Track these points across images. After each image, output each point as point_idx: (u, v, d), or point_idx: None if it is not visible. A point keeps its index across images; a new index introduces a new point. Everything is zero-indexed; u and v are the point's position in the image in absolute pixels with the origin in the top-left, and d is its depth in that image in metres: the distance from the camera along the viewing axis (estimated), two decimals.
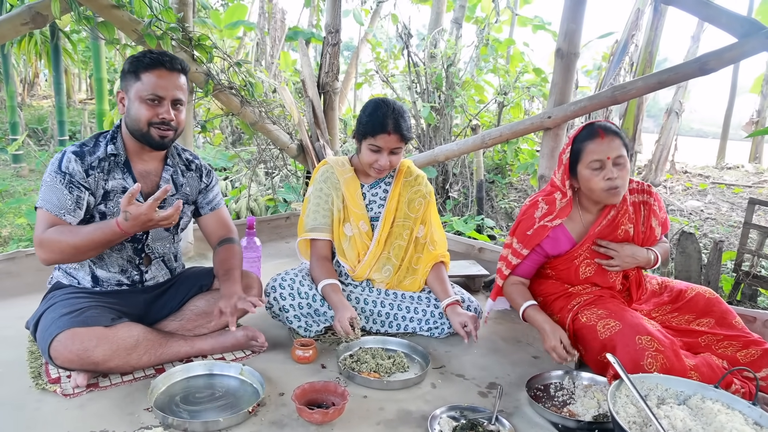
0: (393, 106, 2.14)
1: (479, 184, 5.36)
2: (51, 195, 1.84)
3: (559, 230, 2.11)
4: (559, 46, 2.94)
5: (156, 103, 1.87)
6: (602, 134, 1.96)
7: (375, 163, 2.18)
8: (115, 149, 1.95)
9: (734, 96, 10.56)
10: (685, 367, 1.78)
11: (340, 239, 2.31)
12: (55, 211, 1.83)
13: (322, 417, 1.65)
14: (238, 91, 3.21)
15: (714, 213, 6.25)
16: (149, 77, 1.86)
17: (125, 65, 1.91)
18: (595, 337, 1.90)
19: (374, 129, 2.12)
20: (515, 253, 2.16)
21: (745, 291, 3.75)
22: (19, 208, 5.72)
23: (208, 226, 2.23)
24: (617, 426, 1.44)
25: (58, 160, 1.87)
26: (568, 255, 2.12)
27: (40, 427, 1.61)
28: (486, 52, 5.92)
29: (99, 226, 1.80)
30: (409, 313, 2.34)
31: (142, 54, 1.90)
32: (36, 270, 2.68)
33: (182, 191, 2.12)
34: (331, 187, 2.30)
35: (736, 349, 1.91)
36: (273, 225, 3.83)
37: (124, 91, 1.92)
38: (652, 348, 1.78)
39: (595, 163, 1.97)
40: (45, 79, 14.57)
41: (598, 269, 2.11)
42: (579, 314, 2.01)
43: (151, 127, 1.89)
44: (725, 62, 2.44)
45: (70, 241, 1.78)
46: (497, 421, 1.72)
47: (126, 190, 1.94)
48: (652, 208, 2.12)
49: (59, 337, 1.73)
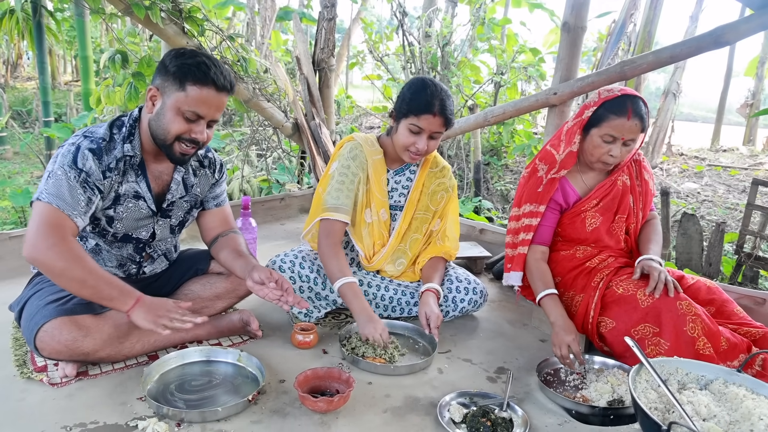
0: (440, 87, 2.00)
1: (477, 165, 5.28)
2: (62, 190, 1.60)
3: (564, 182, 2.14)
4: (565, 20, 2.84)
5: (193, 121, 1.69)
6: (630, 114, 1.93)
7: (412, 146, 2.00)
8: (132, 149, 1.74)
9: (729, 79, 10.51)
10: (719, 331, 1.79)
11: (360, 225, 2.16)
12: (67, 209, 1.60)
13: (327, 405, 1.57)
14: (231, 66, 3.07)
15: (711, 195, 6.22)
16: (196, 92, 1.65)
17: (169, 63, 1.67)
18: (636, 307, 1.87)
19: (419, 108, 1.95)
20: (532, 214, 2.12)
21: (747, 273, 3.72)
22: (3, 190, 5.58)
23: (208, 222, 2.04)
24: (640, 412, 1.36)
25: (72, 155, 1.64)
26: (575, 209, 2.14)
27: (26, 419, 1.51)
28: (482, 31, 5.78)
29: (115, 284, 1.60)
30: (413, 298, 2.25)
31: (193, 60, 1.66)
32: (20, 253, 2.54)
33: (192, 192, 1.95)
34: (359, 166, 2.12)
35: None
36: (267, 206, 3.72)
37: (160, 92, 1.69)
38: (691, 313, 1.78)
39: (609, 137, 1.98)
40: (29, 60, 14.20)
41: (603, 222, 2.12)
42: (613, 286, 1.97)
43: (177, 141, 1.71)
44: (741, 34, 2.35)
45: (79, 269, 1.55)
46: (509, 407, 1.65)
47: (138, 194, 1.79)
48: (641, 164, 2.19)
49: (45, 327, 1.62)
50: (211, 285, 2.04)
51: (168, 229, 1.96)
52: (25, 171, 6.95)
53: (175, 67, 1.65)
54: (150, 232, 1.90)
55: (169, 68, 1.67)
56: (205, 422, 1.52)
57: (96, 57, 7.17)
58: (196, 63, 1.66)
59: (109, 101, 3.25)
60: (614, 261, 2.10)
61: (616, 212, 2.13)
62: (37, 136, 7.86)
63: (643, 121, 1.95)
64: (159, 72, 1.71)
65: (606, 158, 2.00)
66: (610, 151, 1.98)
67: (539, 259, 2.12)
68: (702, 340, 1.74)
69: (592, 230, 2.12)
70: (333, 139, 3.89)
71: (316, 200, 2.16)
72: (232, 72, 3.13)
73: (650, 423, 1.27)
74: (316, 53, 3.72)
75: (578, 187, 2.15)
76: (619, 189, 2.13)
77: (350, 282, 1.97)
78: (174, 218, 1.94)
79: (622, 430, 1.60)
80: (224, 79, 1.70)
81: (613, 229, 2.14)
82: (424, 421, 1.60)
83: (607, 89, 2.03)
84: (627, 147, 1.99)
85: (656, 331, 1.81)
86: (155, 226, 1.90)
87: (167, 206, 1.89)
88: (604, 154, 2.00)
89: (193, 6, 2.85)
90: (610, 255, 2.12)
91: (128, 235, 1.85)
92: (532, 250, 2.13)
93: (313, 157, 3.72)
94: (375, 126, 8.61)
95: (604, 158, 2.00)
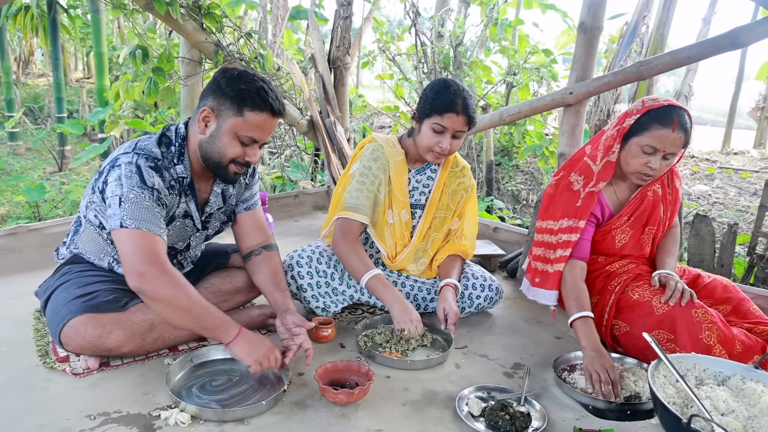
0: (462, 86, 2.02)
1: (489, 164, 5.28)
2: (143, 212, 1.59)
3: (600, 196, 2.04)
4: (582, 20, 2.84)
5: (247, 145, 1.70)
6: (675, 126, 1.83)
7: (436, 146, 2.00)
8: (184, 171, 1.74)
9: (741, 82, 10.45)
10: (734, 336, 1.77)
11: (382, 226, 2.17)
12: (155, 230, 1.60)
13: (347, 397, 1.59)
14: (248, 63, 3.09)
15: (722, 197, 6.20)
16: (254, 118, 1.65)
17: (225, 85, 1.65)
18: (651, 313, 1.84)
19: (442, 107, 1.96)
20: (570, 229, 2.01)
21: (758, 274, 3.71)
22: (17, 185, 5.64)
23: (242, 227, 1.99)
24: (660, 406, 1.37)
25: (138, 176, 1.62)
26: (606, 226, 2.07)
27: (50, 408, 1.53)
28: (495, 31, 5.79)
29: (216, 315, 1.60)
30: (429, 294, 2.27)
31: (252, 86, 1.64)
32: (38, 246, 2.61)
33: (228, 203, 1.94)
34: (381, 168, 2.12)
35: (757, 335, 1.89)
36: (282, 203, 3.75)
37: (215, 114, 1.66)
38: (707, 321, 1.76)
39: (650, 148, 1.88)
40: (42, 55, 14.28)
41: (632, 236, 2.07)
42: (629, 292, 1.94)
43: (231, 164, 1.71)
44: (758, 36, 2.34)
45: (186, 298, 1.55)
46: (526, 401, 1.66)
47: (187, 213, 1.80)
48: (673, 171, 2.11)
49: (71, 322, 1.65)
50: (231, 279, 2.06)
51: (203, 239, 1.97)
52: (38, 166, 7.01)
53: (234, 91, 1.63)
54: (186, 243, 1.92)
55: (225, 91, 1.64)
56: (246, 418, 1.53)
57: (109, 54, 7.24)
58: (256, 89, 1.64)
59: (128, 96, 3.29)
60: (635, 267, 2.06)
61: (646, 224, 2.08)
62: (50, 132, 7.95)
63: (686, 135, 1.86)
64: (213, 93, 1.67)
65: (644, 169, 1.90)
66: (648, 162, 1.88)
67: (577, 276, 1.98)
68: (718, 347, 1.73)
69: (621, 246, 2.08)
70: (347, 137, 3.92)
71: (335, 200, 2.18)
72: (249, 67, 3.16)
73: (670, 417, 1.28)
74: (332, 51, 3.74)
75: (610, 201, 2.07)
76: (650, 201, 2.06)
77: (377, 274, 1.99)
78: (211, 229, 1.96)
79: (639, 425, 1.61)
80: (279, 103, 1.70)
81: (642, 241, 2.09)
82: (443, 414, 1.62)
83: (652, 98, 1.93)
84: (666, 161, 1.89)
85: (671, 337, 1.80)
86: (192, 237, 1.92)
87: (205, 219, 1.90)
88: (642, 165, 1.90)
89: (212, 2, 2.88)
90: (631, 262, 2.09)
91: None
92: (571, 266, 2.01)
93: (327, 155, 3.74)
94: (386, 125, 8.63)
95: (642, 169, 1.91)
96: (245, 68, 1.75)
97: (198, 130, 1.71)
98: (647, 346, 1.61)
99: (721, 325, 1.77)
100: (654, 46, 6.24)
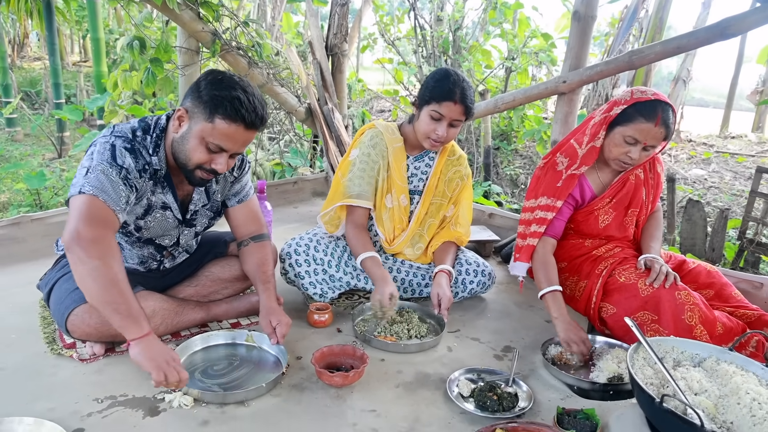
0: (463, 77, 2.08)
1: (486, 150, 5.32)
2: (105, 184, 1.57)
3: (582, 179, 2.14)
4: (576, 9, 2.86)
5: (215, 152, 1.66)
6: (658, 122, 1.91)
7: (432, 133, 2.07)
8: (158, 163, 1.72)
9: (740, 65, 10.40)
10: (715, 318, 1.84)
11: (381, 210, 2.24)
12: (111, 203, 1.56)
13: (343, 380, 1.66)
14: (245, 51, 3.12)
15: (718, 182, 6.25)
16: (224, 127, 1.61)
17: (203, 88, 1.63)
18: (636, 295, 1.92)
19: (441, 95, 2.02)
20: (548, 207, 2.11)
21: (748, 258, 3.78)
22: (16, 172, 5.64)
23: (235, 218, 2.01)
24: (636, 386, 1.45)
25: (110, 152, 1.61)
26: (588, 207, 2.16)
27: (59, 392, 1.60)
28: (494, 15, 5.78)
29: (134, 307, 1.53)
30: (423, 280, 2.34)
31: (228, 93, 1.60)
32: (42, 236, 2.64)
33: (213, 199, 1.94)
34: (379, 154, 2.20)
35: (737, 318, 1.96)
36: (281, 190, 3.79)
37: (189, 115, 1.65)
38: (689, 302, 1.84)
39: (631, 138, 1.96)
40: (38, 38, 14.15)
41: (615, 217, 2.15)
42: (616, 275, 2.02)
43: (197, 169, 1.69)
44: (748, 26, 2.38)
45: (111, 273, 1.49)
46: (514, 383, 1.74)
47: (165, 204, 1.80)
48: (655, 157, 2.18)
49: (76, 311, 1.71)
50: (231, 267, 2.10)
51: (192, 236, 2.00)
52: (37, 153, 7.00)
53: (209, 96, 1.61)
54: (174, 240, 1.93)
55: (202, 94, 1.62)
56: (247, 400, 1.60)
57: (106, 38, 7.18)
58: (230, 97, 1.60)
59: (126, 86, 3.31)
60: (620, 251, 2.13)
61: (629, 207, 2.16)
62: (48, 117, 7.91)
63: (668, 130, 1.94)
64: (192, 94, 1.66)
65: (624, 158, 1.99)
66: (629, 152, 1.97)
67: (548, 252, 2.10)
68: (699, 327, 1.81)
69: (605, 227, 2.16)
70: (345, 124, 3.95)
71: (335, 184, 2.24)
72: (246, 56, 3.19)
73: (645, 396, 1.35)
74: (329, 38, 3.75)
75: (594, 184, 2.16)
76: (632, 184, 2.14)
77: (372, 255, 2.10)
78: (199, 225, 1.97)
79: (621, 404, 1.69)
80: (255, 116, 1.64)
81: (625, 223, 2.18)
82: (434, 395, 1.69)
83: (641, 90, 1.99)
84: (646, 152, 1.98)
85: (655, 318, 1.87)
86: (180, 234, 1.94)
87: (191, 216, 1.92)
88: (622, 154, 1.99)
89: None
90: (616, 245, 2.16)
91: (152, 239, 1.88)
92: (543, 242, 2.12)
93: (325, 142, 3.79)
94: (386, 109, 8.62)
95: (622, 158, 2.00)
96: (233, 74, 1.71)
97: (173, 128, 1.70)
98: (628, 331, 1.68)
99: (703, 307, 1.85)
100: (653, 30, 6.23)
